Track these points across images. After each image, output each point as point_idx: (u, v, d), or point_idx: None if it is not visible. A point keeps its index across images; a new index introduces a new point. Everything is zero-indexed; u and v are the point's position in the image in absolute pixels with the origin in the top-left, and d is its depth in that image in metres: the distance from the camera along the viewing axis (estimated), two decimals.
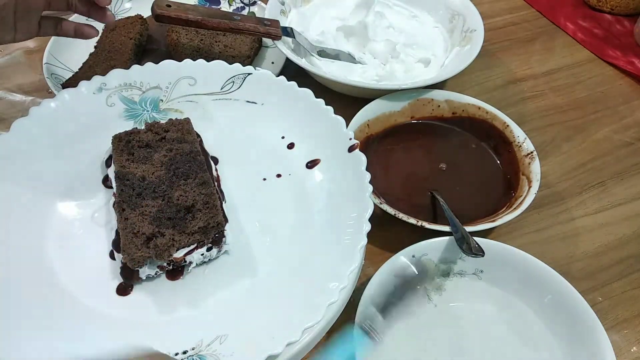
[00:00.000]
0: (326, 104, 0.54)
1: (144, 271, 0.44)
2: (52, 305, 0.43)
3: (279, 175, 0.53)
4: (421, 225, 0.53)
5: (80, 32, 0.56)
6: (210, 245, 0.46)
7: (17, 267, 0.45)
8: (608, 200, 0.64)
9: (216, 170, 0.53)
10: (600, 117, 0.75)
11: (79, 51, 0.69)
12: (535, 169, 0.59)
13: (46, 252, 0.47)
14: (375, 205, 0.48)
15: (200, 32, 0.70)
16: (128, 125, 0.55)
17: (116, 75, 0.56)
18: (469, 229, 0.51)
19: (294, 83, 0.56)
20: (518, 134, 0.63)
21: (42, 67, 0.66)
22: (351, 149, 0.51)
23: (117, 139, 0.51)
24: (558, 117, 0.74)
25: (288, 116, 0.56)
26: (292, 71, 0.66)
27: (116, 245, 0.46)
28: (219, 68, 0.58)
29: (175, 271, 0.46)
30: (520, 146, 0.62)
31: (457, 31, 0.74)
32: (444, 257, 0.52)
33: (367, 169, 0.49)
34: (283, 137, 0.56)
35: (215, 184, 0.50)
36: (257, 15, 0.79)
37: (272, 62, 0.73)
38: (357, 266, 0.44)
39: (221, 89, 0.58)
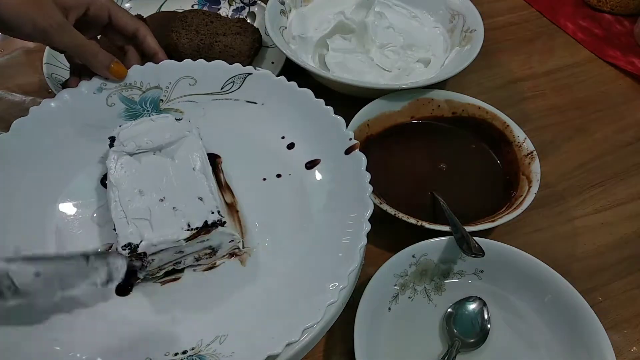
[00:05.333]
0: (326, 104, 0.54)
1: (143, 272, 0.44)
2: (51, 305, 0.43)
3: (278, 176, 0.53)
4: (421, 225, 0.52)
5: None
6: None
7: None
8: (608, 200, 0.64)
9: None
10: (600, 117, 0.75)
11: None
12: (535, 169, 0.59)
13: (46, 252, 0.46)
14: (375, 205, 0.48)
15: (201, 32, 0.70)
16: None
17: None
18: (469, 229, 0.51)
19: (294, 83, 0.56)
20: (518, 134, 0.63)
21: (42, 67, 0.66)
22: (351, 149, 0.51)
23: (113, 139, 0.51)
24: (558, 117, 0.74)
25: (288, 116, 0.56)
26: (292, 71, 0.66)
27: None
28: (219, 68, 0.57)
29: (175, 271, 0.46)
30: (520, 146, 0.62)
31: (457, 31, 0.74)
32: (444, 257, 0.52)
33: (367, 169, 0.49)
34: (283, 137, 0.56)
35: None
36: (257, 15, 0.80)
37: (272, 62, 0.73)
38: (357, 266, 0.44)
39: (221, 89, 0.58)
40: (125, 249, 0.42)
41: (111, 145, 0.50)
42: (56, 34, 0.49)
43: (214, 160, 0.54)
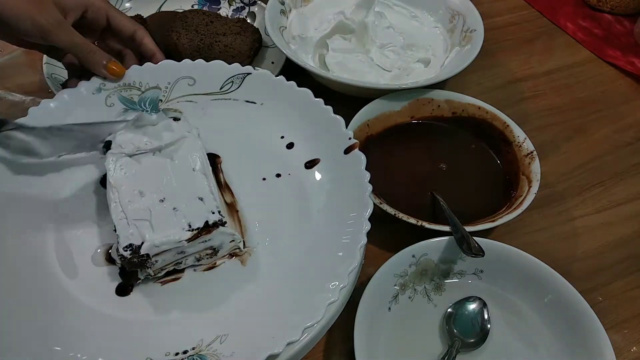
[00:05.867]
0: (326, 104, 0.54)
1: (143, 272, 0.44)
2: (52, 305, 0.43)
3: (278, 175, 0.53)
4: (421, 225, 0.52)
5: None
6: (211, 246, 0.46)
7: (16, 268, 0.45)
8: (608, 200, 0.64)
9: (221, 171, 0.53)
10: (600, 117, 0.75)
11: None
12: (535, 169, 0.59)
13: (46, 252, 0.47)
14: (375, 205, 0.48)
15: (201, 32, 0.70)
16: None
17: None
18: (469, 229, 0.51)
19: (293, 83, 0.56)
20: (518, 134, 0.63)
21: (42, 67, 0.66)
22: (350, 148, 0.51)
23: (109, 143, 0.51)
24: (558, 117, 0.74)
25: (287, 116, 0.56)
26: (292, 71, 0.66)
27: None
28: (218, 68, 0.57)
29: (175, 271, 0.46)
30: (520, 146, 0.62)
31: (457, 31, 0.74)
32: (444, 257, 0.52)
33: (366, 169, 0.49)
34: (282, 137, 0.56)
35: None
36: (257, 15, 0.80)
37: (272, 62, 0.73)
38: (357, 266, 0.44)
39: (220, 88, 0.58)
40: (126, 250, 0.42)
41: (106, 149, 0.49)
42: (54, 31, 0.49)
43: (213, 160, 0.54)
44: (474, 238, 0.50)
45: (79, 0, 0.52)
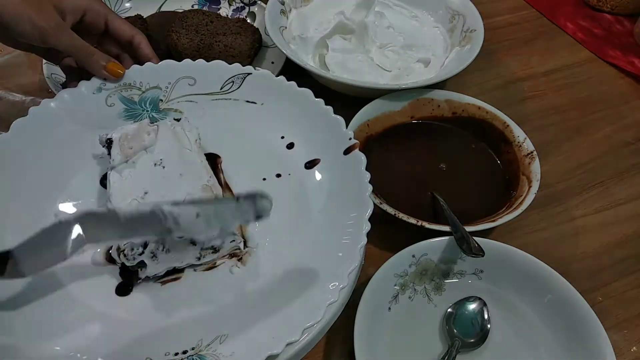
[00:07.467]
0: (326, 104, 0.54)
1: (144, 272, 0.44)
2: (52, 305, 0.43)
3: (278, 175, 0.53)
4: (421, 225, 0.52)
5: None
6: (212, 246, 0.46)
7: None
8: (608, 200, 0.64)
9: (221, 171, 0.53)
10: (600, 117, 0.75)
11: None
12: (535, 169, 0.59)
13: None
14: (375, 205, 0.48)
15: (201, 32, 0.70)
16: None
17: None
18: (469, 229, 0.51)
19: (293, 83, 0.56)
20: (518, 134, 0.63)
21: (42, 67, 0.66)
22: (351, 148, 0.51)
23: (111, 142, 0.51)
24: (558, 117, 0.74)
25: (288, 116, 0.56)
26: (292, 71, 0.66)
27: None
28: (219, 68, 0.57)
29: (176, 271, 0.46)
30: (520, 146, 0.62)
31: (457, 31, 0.74)
32: (444, 257, 0.52)
33: (366, 169, 0.49)
34: (283, 137, 0.56)
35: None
36: (257, 15, 0.80)
37: (272, 62, 0.73)
38: (357, 266, 0.44)
39: (221, 89, 0.58)
40: (126, 247, 0.42)
41: (109, 147, 0.49)
42: (54, 33, 0.49)
43: (214, 160, 0.54)
44: (474, 238, 0.50)
45: (77, 3, 0.52)
